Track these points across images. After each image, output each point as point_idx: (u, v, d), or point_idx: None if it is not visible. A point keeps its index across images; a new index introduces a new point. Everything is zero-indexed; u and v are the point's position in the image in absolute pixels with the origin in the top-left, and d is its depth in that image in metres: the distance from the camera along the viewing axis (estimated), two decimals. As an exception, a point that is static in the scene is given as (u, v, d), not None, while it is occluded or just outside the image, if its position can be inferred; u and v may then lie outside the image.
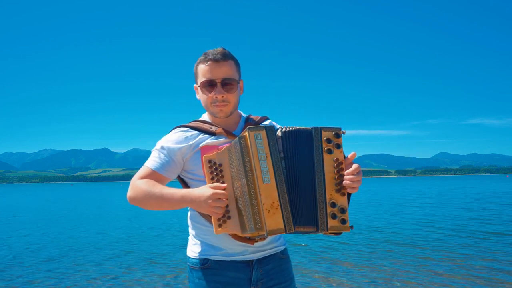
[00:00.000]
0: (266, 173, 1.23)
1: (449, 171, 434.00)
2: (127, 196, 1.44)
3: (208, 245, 1.45)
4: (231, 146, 1.32)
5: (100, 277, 5.14)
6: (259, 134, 1.24)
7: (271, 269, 1.46)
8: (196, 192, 1.31)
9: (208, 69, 1.43)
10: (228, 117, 1.49)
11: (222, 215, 1.29)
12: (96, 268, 5.65)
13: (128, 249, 7.16)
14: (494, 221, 10.11)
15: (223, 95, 1.42)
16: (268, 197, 1.21)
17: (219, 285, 1.42)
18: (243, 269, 1.43)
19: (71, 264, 5.96)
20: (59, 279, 5.11)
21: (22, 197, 36.76)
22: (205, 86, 1.44)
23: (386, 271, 5.03)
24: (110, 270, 5.52)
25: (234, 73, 1.45)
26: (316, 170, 1.27)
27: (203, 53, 1.46)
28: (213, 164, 1.35)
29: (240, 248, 1.42)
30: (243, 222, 1.28)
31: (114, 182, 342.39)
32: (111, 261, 6.14)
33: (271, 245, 1.47)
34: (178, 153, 1.44)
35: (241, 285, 1.42)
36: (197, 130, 1.48)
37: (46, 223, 12.41)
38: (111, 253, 6.85)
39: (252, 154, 1.23)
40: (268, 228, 1.19)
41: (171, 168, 1.44)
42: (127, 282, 4.90)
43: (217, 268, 1.42)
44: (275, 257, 1.48)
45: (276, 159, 1.24)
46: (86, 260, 6.26)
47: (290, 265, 1.55)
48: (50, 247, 7.64)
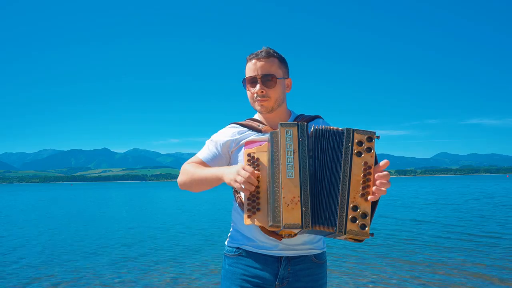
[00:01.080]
0: (290, 168, 1.25)
1: (449, 171, 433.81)
2: (177, 182, 1.60)
3: (243, 235, 1.50)
4: (268, 142, 1.34)
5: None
6: (289, 130, 1.28)
7: (300, 270, 1.45)
8: (230, 166, 1.41)
9: (251, 67, 1.51)
10: (276, 115, 1.55)
11: (251, 202, 1.31)
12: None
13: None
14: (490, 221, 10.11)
15: (262, 90, 1.48)
16: (289, 191, 1.22)
17: (246, 274, 1.46)
18: (272, 264, 1.44)
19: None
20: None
21: (32, 196, 36.67)
22: (248, 82, 1.52)
23: (385, 270, 5.04)
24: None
25: (275, 70, 1.50)
26: (342, 171, 1.26)
27: (250, 54, 1.56)
28: (251, 157, 1.37)
29: (271, 243, 1.43)
30: (273, 214, 1.26)
31: (114, 182, 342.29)
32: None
33: (304, 246, 1.46)
34: (224, 146, 1.55)
35: (266, 279, 1.44)
36: (247, 127, 1.57)
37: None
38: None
39: (280, 149, 1.27)
40: (284, 222, 1.19)
41: (217, 159, 1.55)
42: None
43: (248, 257, 1.47)
44: (307, 259, 1.47)
45: (303, 156, 1.26)
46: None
47: (324, 271, 1.53)
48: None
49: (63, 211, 17.55)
